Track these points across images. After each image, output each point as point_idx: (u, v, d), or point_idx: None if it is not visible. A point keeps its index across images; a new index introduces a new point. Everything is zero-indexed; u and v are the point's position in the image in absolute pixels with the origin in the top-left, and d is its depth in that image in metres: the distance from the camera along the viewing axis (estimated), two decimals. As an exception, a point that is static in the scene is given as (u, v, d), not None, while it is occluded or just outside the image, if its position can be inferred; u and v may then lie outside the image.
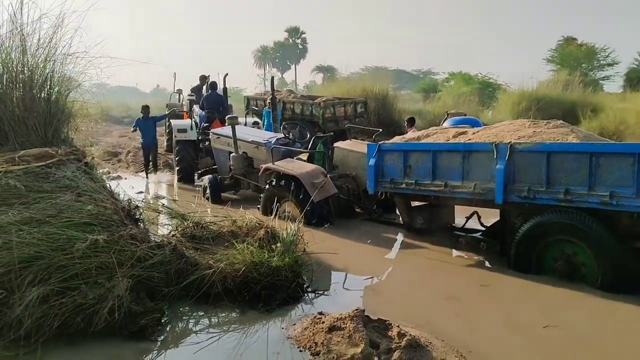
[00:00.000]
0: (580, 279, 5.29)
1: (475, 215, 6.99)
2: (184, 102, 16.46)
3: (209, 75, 14.96)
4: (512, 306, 4.97)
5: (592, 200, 5.04)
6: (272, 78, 13.37)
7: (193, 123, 12.47)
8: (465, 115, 13.73)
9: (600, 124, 14.19)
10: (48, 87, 5.66)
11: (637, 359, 3.85)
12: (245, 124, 12.14)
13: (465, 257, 6.55)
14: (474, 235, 6.88)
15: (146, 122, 13.21)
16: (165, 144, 16.44)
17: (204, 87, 14.66)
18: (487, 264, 6.24)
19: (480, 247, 6.57)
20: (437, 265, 6.27)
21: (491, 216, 6.84)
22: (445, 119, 12.73)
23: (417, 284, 5.71)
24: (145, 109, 13.40)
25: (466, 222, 7.17)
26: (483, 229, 6.95)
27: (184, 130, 12.37)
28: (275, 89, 11.98)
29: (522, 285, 5.40)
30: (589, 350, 3.97)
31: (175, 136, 12.62)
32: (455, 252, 6.72)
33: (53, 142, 5.55)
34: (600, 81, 34.21)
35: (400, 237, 7.52)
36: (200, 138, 12.22)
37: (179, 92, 18.66)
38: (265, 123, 13.51)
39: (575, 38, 39.15)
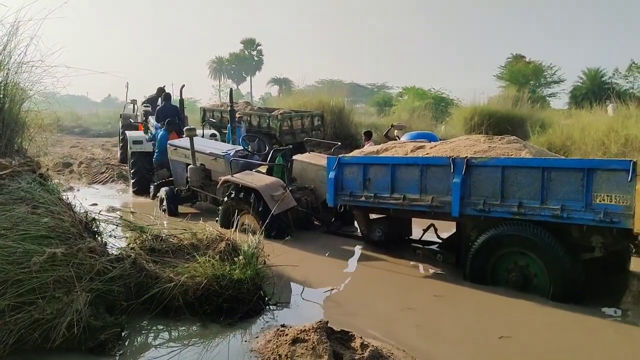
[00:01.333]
0: (532, 289, 5.50)
1: (432, 227, 7.17)
2: (138, 113, 16.21)
3: (164, 86, 14.84)
4: (469, 317, 5.12)
5: (544, 214, 5.26)
6: (231, 90, 13.38)
7: (148, 134, 12.30)
8: (406, 127, 14.73)
9: (548, 139, 14.76)
10: (1, 95, 5.50)
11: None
12: (203, 136, 12.07)
13: (423, 269, 6.70)
14: (431, 247, 7.06)
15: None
16: (118, 155, 16.18)
17: (160, 98, 14.47)
18: (444, 275, 6.40)
19: (437, 259, 6.74)
20: (395, 277, 6.39)
21: (447, 229, 7.03)
22: (389, 130, 13.36)
23: (377, 295, 5.80)
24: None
25: (423, 234, 7.35)
26: (440, 241, 7.13)
27: (139, 142, 12.25)
28: (233, 100, 11.94)
29: (477, 297, 5.56)
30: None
31: (130, 148, 12.43)
32: (412, 264, 6.86)
33: (6, 152, 5.41)
34: (547, 98, 35.64)
35: (358, 250, 7.63)
36: (155, 150, 12.00)
37: (134, 102, 18.36)
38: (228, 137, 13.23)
39: (523, 56, 40.76)
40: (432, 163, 6.15)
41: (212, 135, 13.27)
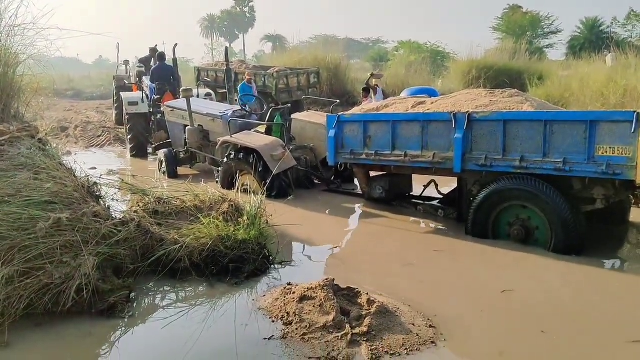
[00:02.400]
0: (534, 242, 5.57)
1: (433, 183, 7.19)
2: (131, 74, 16.01)
3: (156, 45, 14.62)
4: (471, 271, 5.18)
5: (546, 167, 5.26)
6: (227, 49, 13.17)
7: (144, 95, 12.18)
8: (383, 75, 15.76)
9: (546, 92, 14.62)
10: (-5, 60, 5.40)
11: (593, 318, 4.08)
12: (198, 96, 11.94)
13: (424, 225, 6.75)
14: (432, 203, 7.09)
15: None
16: (114, 117, 16.06)
17: (152, 59, 14.28)
18: (445, 230, 6.45)
19: (438, 214, 6.79)
20: (397, 234, 6.44)
21: (448, 185, 7.05)
22: (368, 79, 13.63)
23: (379, 252, 5.85)
24: None
25: (424, 190, 7.37)
26: (440, 197, 7.16)
27: (135, 104, 12.13)
28: (229, 59, 11.77)
29: (479, 251, 5.63)
30: (543, 313, 4.18)
31: (125, 109, 12.34)
32: (413, 220, 6.91)
33: (4, 118, 5.35)
34: (544, 49, 35.20)
35: (359, 207, 7.66)
36: (151, 111, 11.97)
37: (126, 63, 18.12)
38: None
39: (520, 6, 40.06)
40: (433, 119, 6.11)
41: (207, 95, 13.15)
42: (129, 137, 12.55)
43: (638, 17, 34.92)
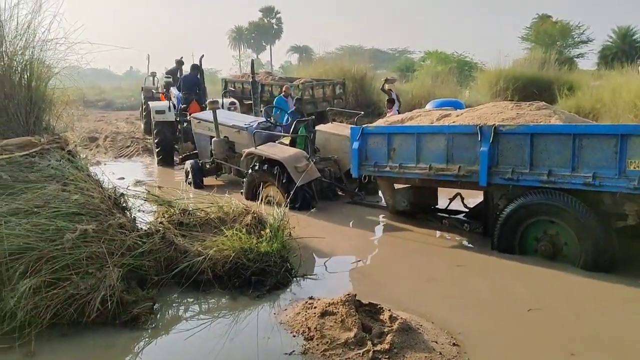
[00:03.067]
0: (562, 259, 5.44)
1: (459, 196, 7.10)
2: (158, 85, 16.34)
3: (181, 57, 15.20)
4: (497, 288, 5.07)
5: (575, 182, 5.15)
6: (252, 61, 13.35)
7: (171, 104, 12.53)
8: (397, 79, 16.09)
9: (577, 103, 14.38)
10: (28, 74, 5.53)
11: (619, 342, 3.94)
12: (222, 105, 12.13)
13: (449, 238, 6.66)
14: (457, 216, 7.00)
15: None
16: (142, 126, 16.45)
17: (179, 70, 14.78)
18: (470, 245, 6.36)
19: (464, 228, 6.70)
20: (421, 247, 6.37)
21: (474, 198, 6.96)
22: (382, 85, 13.89)
23: (403, 266, 5.79)
24: None
25: (449, 203, 7.28)
26: (466, 210, 7.07)
27: (162, 112, 12.51)
28: (255, 71, 11.90)
29: (505, 267, 5.51)
30: (573, 334, 4.06)
31: (153, 117, 12.70)
32: (438, 234, 6.82)
33: (35, 130, 5.45)
34: (575, 58, 34.66)
35: (383, 220, 7.61)
36: (178, 119, 12.28)
37: (153, 74, 18.50)
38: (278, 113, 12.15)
39: (550, 15, 39.58)
40: (459, 132, 6.05)
41: (232, 104, 13.40)
42: (155, 143, 12.84)
43: (672, 26, 34.10)
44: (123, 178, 9.13)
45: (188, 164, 10.11)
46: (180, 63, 15.17)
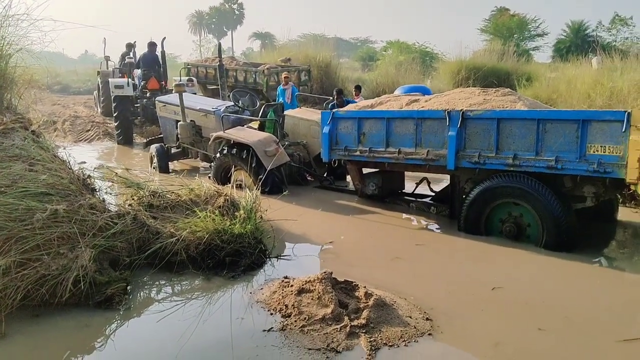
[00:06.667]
0: (525, 239, 5.65)
1: (425, 181, 7.25)
2: (113, 69, 16.24)
3: (134, 42, 15.50)
4: (464, 267, 5.24)
5: (539, 165, 5.35)
6: (220, 44, 13.26)
7: (129, 80, 13.20)
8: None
9: (535, 93, 14.74)
10: (-12, 51, 5.36)
11: (583, 317, 4.13)
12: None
13: (416, 221, 6.80)
14: (424, 200, 7.16)
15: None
16: (100, 108, 16.68)
17: (130, 53, 15.27)
18: (437, 227, 6.52)
19: (431, 211, 6.86)
20: (390, 230, 6.50)
21: (440, 182, 7.12)
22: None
23: (373, 248, 5.89)
24: None
25: (416, 187, 7.43)
26: (433, 194, 7.23)
27: (120, 87, 13.05)
28: (222, 55, 11.78)
29: (471, 247, 5.70)
30: (538, 310, 4.21)
31: (112, 92, 13.11)
32: (405, 217, 6.96)
33: (-3, 109, 5.29)
34: (531, 51, 35.50)
35: (352, 204, 7.69)
36: (137, 95, 13.00)
37: (107, 58, 18.14)
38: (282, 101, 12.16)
39: (507, 8, 40.38)
40: (428, 116, 6.17)
41: (189, 80, 14.33)
42: (114, 117, 13.39)
43: (622, 22, 35.33)
44: (84, 162, 8.89)
45: (153, 148, 9.92)
46: (130, 46, 15.54)
